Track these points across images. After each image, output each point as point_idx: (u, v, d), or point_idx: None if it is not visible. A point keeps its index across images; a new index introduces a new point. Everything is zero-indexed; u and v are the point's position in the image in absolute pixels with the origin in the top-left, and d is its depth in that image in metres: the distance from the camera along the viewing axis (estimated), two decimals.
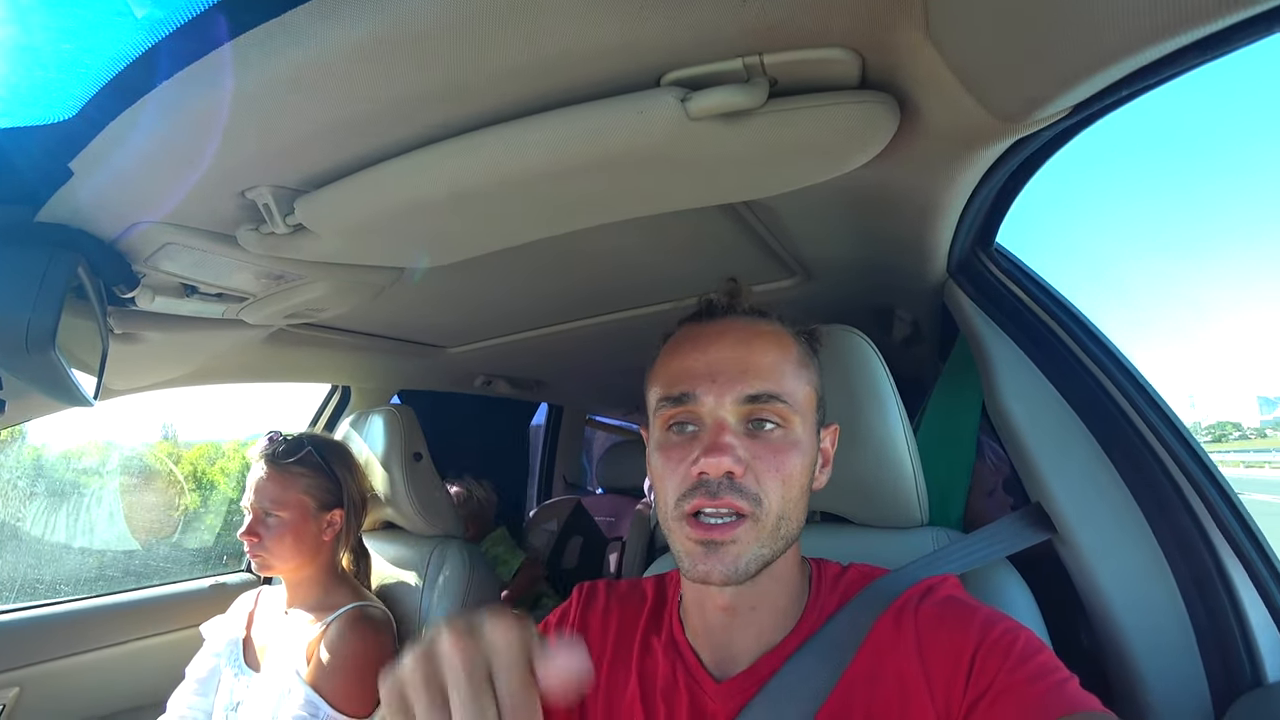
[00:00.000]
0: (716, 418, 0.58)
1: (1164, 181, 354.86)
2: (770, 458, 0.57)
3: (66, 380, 0.70)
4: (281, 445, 1.22)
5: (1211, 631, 0.74)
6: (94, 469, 2.14)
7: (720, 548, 0.55)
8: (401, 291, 1.10)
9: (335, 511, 1.23)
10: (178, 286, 0.85)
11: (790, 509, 0.58)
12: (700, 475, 0.56)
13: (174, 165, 0.63)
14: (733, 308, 0.65)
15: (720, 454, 0.55)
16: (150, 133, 0.57)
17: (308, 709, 1.03)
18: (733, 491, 0.55)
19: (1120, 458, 0.81)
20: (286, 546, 1.16)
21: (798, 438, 0.59)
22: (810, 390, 0.62)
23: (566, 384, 2.29)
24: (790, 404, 0.58)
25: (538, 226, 0.80)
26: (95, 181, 0.65)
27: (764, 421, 0.58)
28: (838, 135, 0.59)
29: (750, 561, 0.56)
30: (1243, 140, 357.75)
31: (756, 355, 0.59)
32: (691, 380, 0.59)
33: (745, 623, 0.62)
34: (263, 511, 1.16)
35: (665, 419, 0.61)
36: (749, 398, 0.57)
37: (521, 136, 0.58)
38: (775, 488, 0.57)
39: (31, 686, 1.30)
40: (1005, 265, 0.93)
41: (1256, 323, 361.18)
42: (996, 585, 0.76)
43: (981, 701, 0.51)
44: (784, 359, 0.61)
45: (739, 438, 0.57)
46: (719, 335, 0.62)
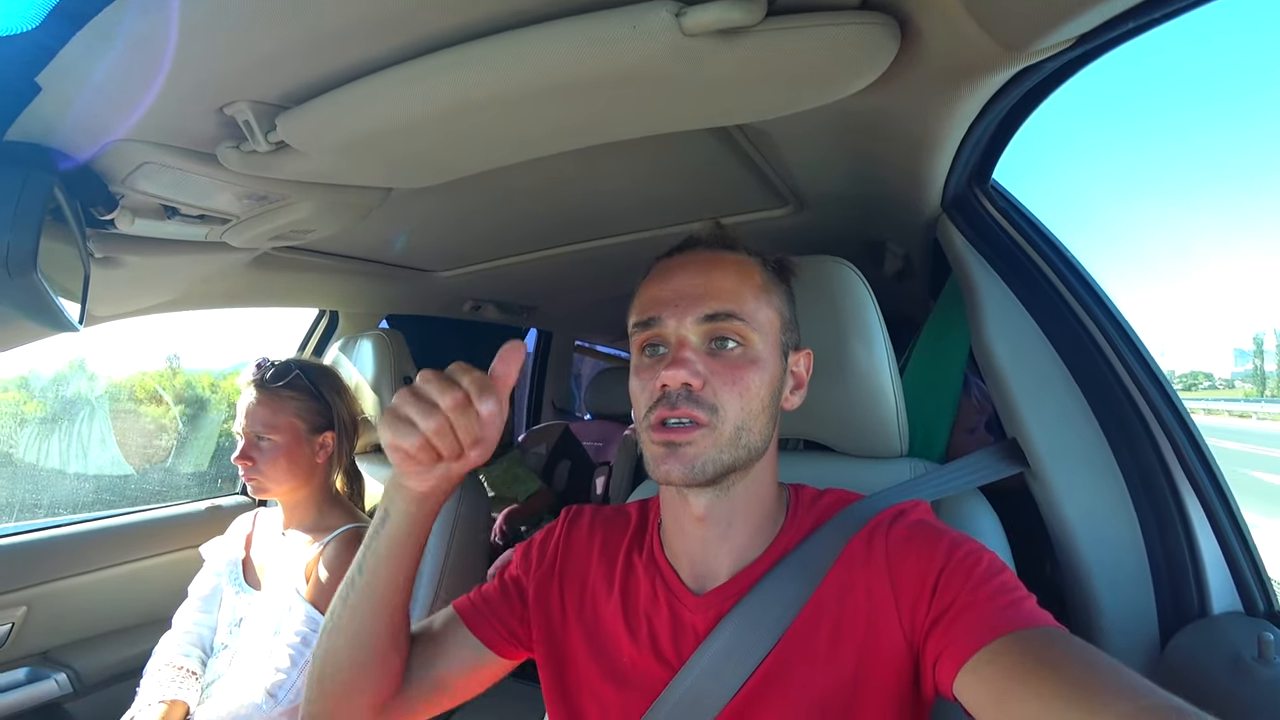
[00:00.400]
0: (679, 336, 0.62)
1: (1160, 125, 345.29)
2: (728, 373, 0.61)
3: (51, 305, 0.70)
4: (270, 370, 1.23)
5: (1166, 565, 0.79)
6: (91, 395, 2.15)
7: (679, 449, 0.60)
8: (389, 214, 1.08)
9: (327, 434, 1.25)
10: (158, 208, 0.83)
11: (751, 421, 0.61)
12: (663, 388, 0.60)
13: (146, 78, 0.60)
14: (702, 241, 0.69)
15: (677, 367, 0.59)
16: (120, 43, 0.54)
17: (309, 625, 1.07)
18: (689, 402, 0.60)
19: (1096, 399, 0.84)
20: (281, 469, 1.18)
21: (757, 355, 0.62)
22: (773, 313, 0.65)
23: (556, 309, 2.29)
24: (749, 323, 0.62)
25: (528, 147, 0.78)
26: (65, 96, 0.62)
27: (725, 339, 0.62)
28: (836, 57, 0.58)
29: (707, 464, 0.59)
30: (1238, 86, 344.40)
31: (716, 280, 0.63)
32: (658, 305, 0.63)
33: (721, 537, 0.66)
34: (255, 436, 1.18)
35: (639, 344, 0.65)
36: (707, 316, 0.61)
37: (511, 49, 0.56)
38: (733, 400, 0.60)
39: (39, 605, 1.35)
40: (1000, 203, 0.92)
41: (1238, 275, 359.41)
42: (968, 513, 0.79)
43: (944, 617, 0.54)
44: (744, 283, 0.64)
45: (699, 355, 0.61)
46: (684, 265, 0.66)
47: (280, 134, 0.69)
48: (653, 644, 0.66)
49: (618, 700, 0.66)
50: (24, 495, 1.74)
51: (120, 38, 0.53)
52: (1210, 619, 0.75)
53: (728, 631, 0.62)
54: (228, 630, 1.17)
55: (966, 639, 0.51)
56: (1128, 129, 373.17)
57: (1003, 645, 0.49)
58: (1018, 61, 0.55)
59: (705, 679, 0.62)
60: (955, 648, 0.52)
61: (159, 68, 0.58)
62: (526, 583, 0.74)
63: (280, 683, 1.03)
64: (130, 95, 0.63)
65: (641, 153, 0.93)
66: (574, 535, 0.76)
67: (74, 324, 0.78)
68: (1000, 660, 0.48)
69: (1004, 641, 0.49)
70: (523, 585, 0.75)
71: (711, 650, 0.62)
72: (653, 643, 0.66)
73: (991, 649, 0.49)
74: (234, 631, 1.16)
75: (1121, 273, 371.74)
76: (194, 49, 0.56)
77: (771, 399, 0.64)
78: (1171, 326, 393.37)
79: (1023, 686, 0.45)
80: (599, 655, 0.68)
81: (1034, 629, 0.50)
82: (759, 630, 0.61)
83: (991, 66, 0.57)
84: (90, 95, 0.62)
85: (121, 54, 0.56)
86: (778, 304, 0.66)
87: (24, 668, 1.33)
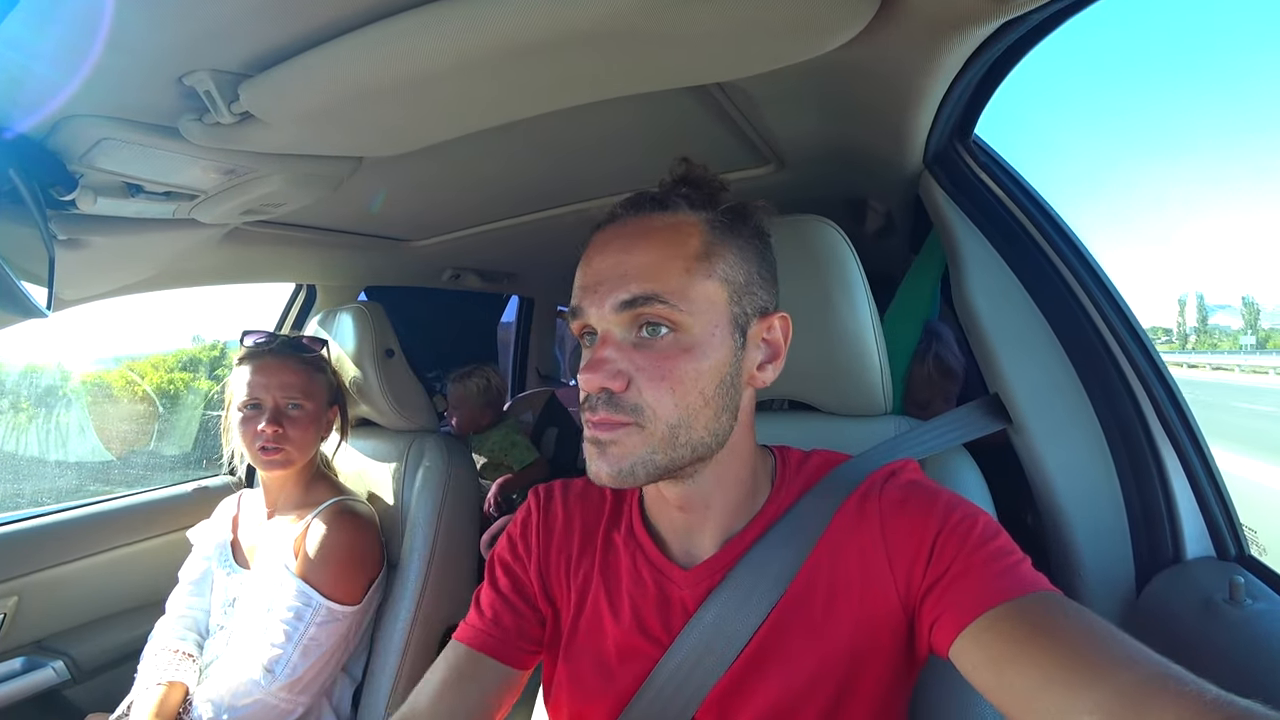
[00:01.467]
0: (603, 329, 0.57)
1: (1140, 80, 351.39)
2: (656, 367, 0.55)
3: (15, 290, 0.67)
4: (300, 340, 1.26)
5: (1142, 514, 0.81)
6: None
7: (606, 448, 0.55)
8: (362, 184, 1.05)
9: (334, 409, 1.27)
10: (120, 186, 0.80)
11: (690, 418, 0.55)
12: (586, 392, 0.56)
13: (96, 50, 0.57)
14: (627, 208, 0.61)
15: (593, 370, 0.55)
16: (63, 14, 0.51)
17: (300, 599, 1.07)
18: (609, 407, 0.55)
19: (1076, 353, 0.85)
20: (310, 439, 1.19)
21: (692, 341, 0.55)
22: (716, 284, 0.56)
23: (536, 275, 2.27)
24: (674, 304, 0.54)
25: (502, 110, 0.76)
26: (9, 74, 0.59)
27: (656, 326, 0.55)
28: (816, 10, 0.56)
29: (638, 466, 0.55)
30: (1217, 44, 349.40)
31: (637, 257, 0.56)
32: (580, 293, 0.58)
33: (702, 518, 0.64)
34: (288, 403, 1.17)
35: (576, 331, 0.61)
36: (624, 303, 0.55)
37: (479, 10, 0.54)
38: (662, 398, 0.54)
39: (29, 594, 1.35)
40: (982, 158, 0.92)
41: (1204, 229, 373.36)
42: (952, 469, 0.80)
43: (941, 581, 0.54)
44: (672, 255, 0.56)
45: (623, 350, 0.55)
46: (605, 244, 0.59)
47: (244, 104, 0.66)
48: (638, 622, 0.64)
49: (607, 683, 0.64)
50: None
51: (64, 8, 0.50)
52: (1184, 564, 0.78)
53: (718, 604, 0.61)
54: (222, 611, 1.18)
55: (964, 604, 0.51)
56: (1112, 82, 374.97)
57: (1001, 612, 0.49)
58: (1002, 13, 0.54)
59: (696, 654, 0.60)
60: (953, 613, 0.51)
61: (107, 36, 0.55)
62: (528, 579, 0.71)
63: (276, 658, 1.04)
64: (80, 68, 0.59)
65: (618, 114, 0.90)
66: (549, 517, 0.72)
67: (42, 309, 0.76)
68: (999, 627, 0.48)
69: (1003, 609, 0.49)
70: (526, 586, 0.71)
71: (702, 625, 0.61)
72: (638, 621, 0.64)
73: (990, 616, 0.49)
74: (228, 612, 1.17)
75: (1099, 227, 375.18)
76: (146, 15, 0.53)
77: (718, 388, 0.57)
78: (1133, 280, 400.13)
79: (1022, 655, 0.45)
80: (586, 639, 0.67)
81: (1031, 595, 0.50)
82: (750, 602, 0.60)
83: (976, 19, 0.56)
84: (37, 70, 0.59)
85: (65, 24, 0.53)
86: (723, 270, 0.57)
87: (20, 657, 1.33)
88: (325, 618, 1.08)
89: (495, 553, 0.75)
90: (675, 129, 0.99)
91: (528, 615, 0.70)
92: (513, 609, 0.70)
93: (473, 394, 2.28)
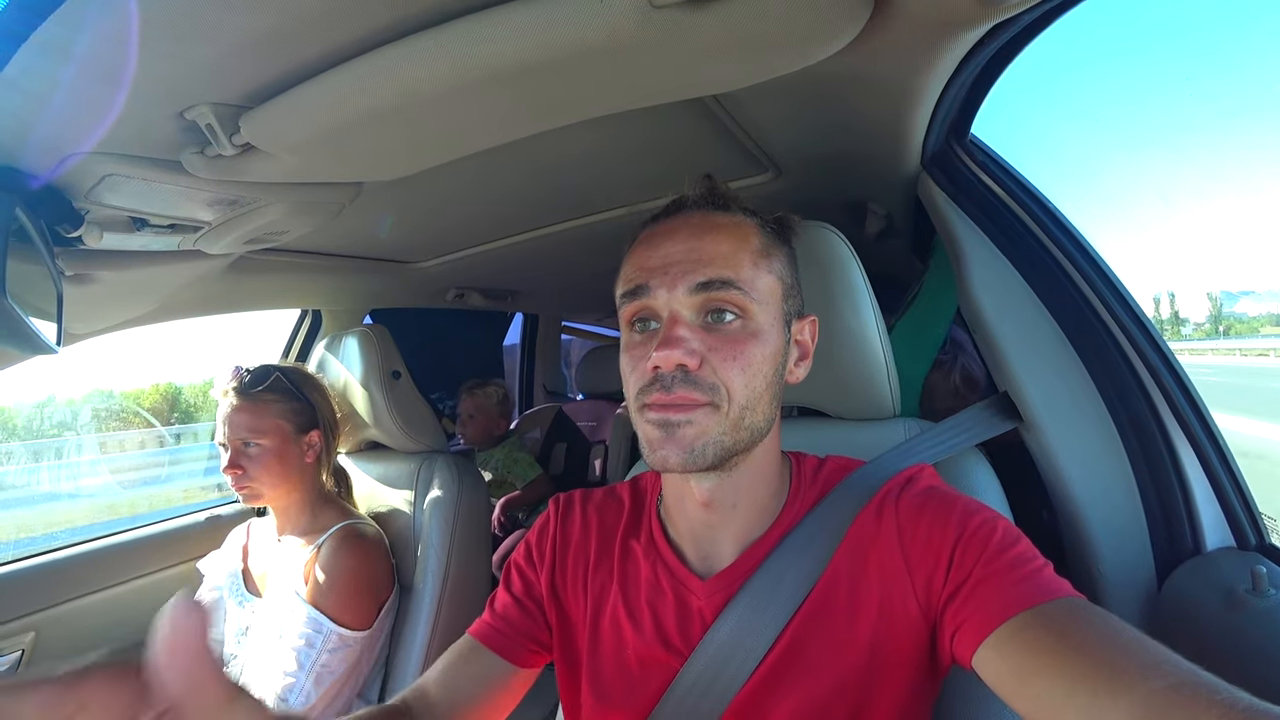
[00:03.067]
0: (671, 310, 0.57)
1: (1138, 73, 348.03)
2: (728, 348, 0.56)
3: (24, 328, 0.68)
4: (248, 376, 1.22)
5: (1159, 507, 0.80)
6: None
7: (677, 430, 0.55)
8: (363, 208, 1.06)
9: (313, 433, 1.24)
10: (126, 220, 0.81)
11: (755, 400, 0.57)
12: (655, 370, 0.55)
13: (101, 88, 0.58)
14: (693, 203, 0.63)
15: (671, 347, 0.54)
16: (64, 58, 0.52)
17: (311, 626, 1.07)
18: (687, 385, 0.55)
19: (1084, 347, 0.84)
20: (273, 473, 1.18)
21: (758, 327, 0.58)
22: (774, 280, 0.60)
23: (540, 292, 2.27)
24: (747, 291, 0.57)
25: (501, 130, 0.76)
26: (16, 114, 0.60)
27: (723, 312, 0.57)
28: (809, 21, 0.56)
29: (709, 447, 0.55)
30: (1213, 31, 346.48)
31: (709, 245, 0.58)
32: (646, 274, 0.58)
33: (726, 519, 0.63)
34: (242, 443, 1.17)
35: (627, 316, 0.61)
36: (700, 285, 0.56)
37: (473, 33, 0.54)
38: (736, 376, 0.56)
39: (46, 630, 1.34)
40: (979, 157, 0.92)
41: (1221, 218, 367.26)
42: (966, 470, 0.80)
43: (962, 589, 0.53)
44: (740, 248, 0.59)
45: (694, 330, 0.56)
46: (673, 231, 0.60)
47: (244, 135, 0.67)
48: (659, 632, 0.64)
49: (629, 694, 0.64)
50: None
51: (65, 52, 0.51)
52: (1204, 556, 0.77)
53: (735, 616, 0.60)
54: (235, 641, 1.18)
55: (986, 613, 0.50)
56: (1107, 77, 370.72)
57: (1024, 620, 0.48)
58: (993, 15, 0.54)
59: (716, 665, 0.60)
60: (974, 622, 0.51)
61: (112, 77, 0.56)
62: (539, 585, 0.72)
63: (289, 686, 1.03)
64: (87, 109, 0.60)
65: (616, 129, 0.91)
66: (568, 526, 0.73)
67: (52, 346, 0.77)
68: (1022, 636, 0.47)
69: (1025, 617, 0.48)
70: (536, 590, 0.72)
71: (720, 636, 0.60)
72: (658, 631, 0.64)
73: (1013, 624, 0.48)
74: (241, 641, 1.17)
75: (1106, 223, 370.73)
76: (148, 53, 0.54)
77: (775, 375, 0.59)
78: (1156, 274, 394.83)
79: (1047, 664, 0.44)
80: (607, 648, 0.66)
81: (1054, 602, 0.49)
82: (768, 612, 0.59)
83: (967, 22, 0.56)
84: (43, 111, 0.60)
85: (69, 69, 0.54)
86: (779, 269, 0.61)
87: None
88: (337, 644, 1.08)
89: (512, 557, 0.76)
90: (673, 141, 1.00)
91: (536, 618, 0.71)
92: (522, 609, 0.71)
93: (491, 403, 2.28)
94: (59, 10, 0.47)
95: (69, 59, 0.53)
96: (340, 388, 1.40)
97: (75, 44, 0.51)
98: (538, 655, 0.71)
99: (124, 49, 0.52)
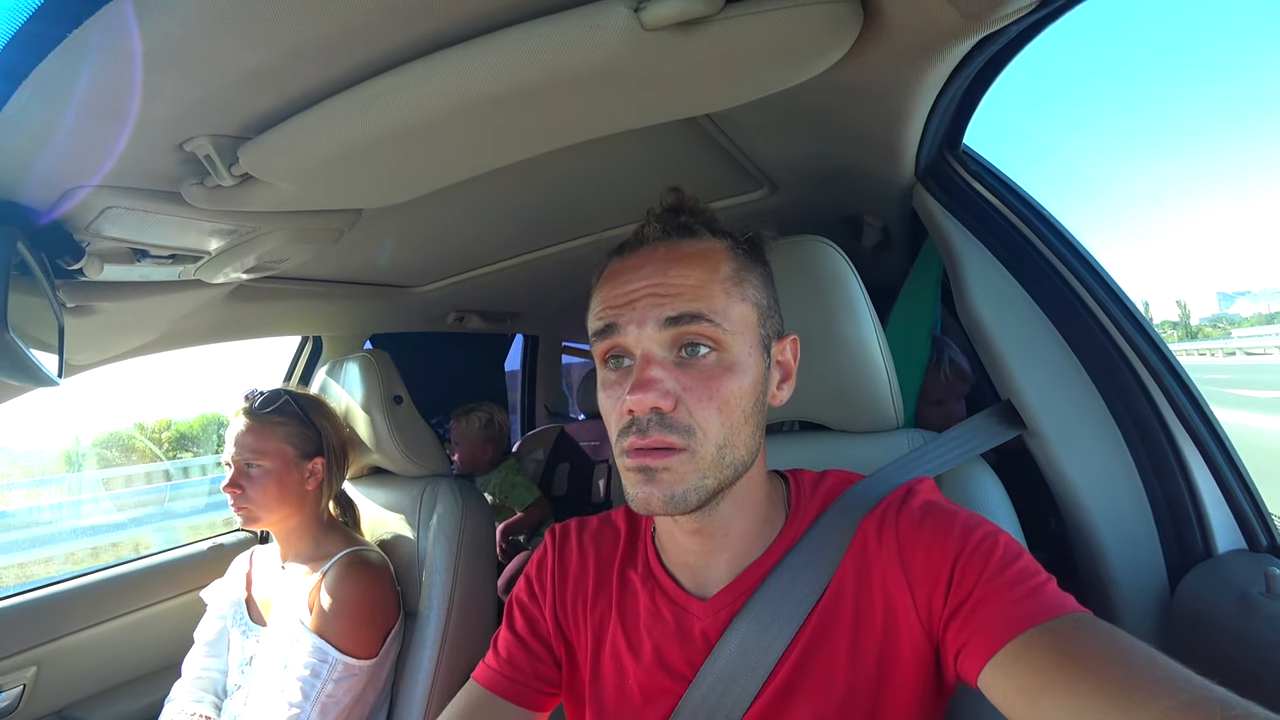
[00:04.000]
0: (643, 349, 0.56)
1: (1129, 79, 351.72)
2: (703, 387, 0.55)
3: (26, 360, 0.68)
4: (259, 399, 1.22)
5: (1168, 511, 0.80)
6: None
7: (656, 474, 0.54)
8: (364, 234, 1.07)
9: (316, 460, 1.24)
10: (126, 252, 0.81)
11: (733, 436, 0.56)
12: (630, 413, 0.55)
13: (100, 123, 0.58)
14: (657, 233, 0.60)
15: (644, 390, 0.53)
16: (64, 95, 0.53)
17: (316, 655, 1.06)
18: (662, 428, 0.54)
19: (1085, 353, 0.84)
20: (271, 496, 1.17)
21: (733, 360, 0.56)
22: (748, 307, 0.58)
23: (540, 313, 2.28)
24: (719, 324, 0.55)
25: (495, 155, 0.77)
26: (16, 152, 0.60)
27: (696, 346, 0.55)
28: (799, 39, 0.57)
29: (690, 491, 0.54)
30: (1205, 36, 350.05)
31: (676, 279, 0.56)
32: (614, 311, 0.57)
33: (718, 546, 0.63)
34: (244, 464, 1.17)
35: (600, 354, 0.60)
36: (669, 320, 0.55)
37: (468, 60, 0.55)
38: (712, 417, 0.54)
39: (49, 663, 1.34)
40: (973, 167, 0.93)
41: (1218, 218, 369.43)
42: (971, 482, 0.79)
43: (964, 607, 0.52)
44: (710, 278, 0.57)
45: (668, 369, 0.55)
46: (638, 267, 0.58)
47: (243, 166, 0.67)
48: (660, 660, 0.63)
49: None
50: None
51: (64, 90, 0.52)
52: (1216, 559, 0.76)
53: (740, 632, 0.60)
54: (239, 671, 1.16)
55: (991, 632, 0.49)
56: (1096, 83, 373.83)
57: (1030, 639, 0.47)
58: (980, 29, 0.55)
59: (722, 686, 0.59)
60: (979, 641, 0.50)
61: (112, 114, 0.57)
62: (544, 620, 0.71)
63: (295, 717, 1.02)
64: (88, 144, 0.61)
65: (611, 149, 0.92)
66: (565, 557, 0.72)
67: (53, 378, 0.77)
68: (1028, 655, 0.46)
69: (1030, 635, 0.47)
70: (541, 626, 0.71)
71: (725, 654, 0.60)
72: (659, 659, 0.63)
73: (1018, 643, 0.47)
74: (245, 671, 1.16)
75: (1101, 226, 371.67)
76: (149, 87, 0.55)
77: (755, 405, 0.58)
78: (1155, 273, 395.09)
79: (1055, 683, 0.43)
80: (608, 681, 0.65)
81: (1060, 618, 0.48)
82: (773, 629, 0.59)
83: (954, 36, 0.57)
84: (44, 148, 0.60)
85: (68, 105, 0.54)
86: (753, 294, 0.59)
87: None
88: (342, 673, 1.07)
89: (513, 594, 0.74)
90: (668, 160, 1.01)
91: (543, 657, 0.70)
92: (528, 650, 0.70)
93: (474, 429, 2.27)
94: (58, 49, 0.48)
95: (69, 97, 0.53)
96: (342, 413, 1.40)
97: (75, 83, 0.51)
98: (548, 697, 0.70)
99: (123, 86, 0.53)
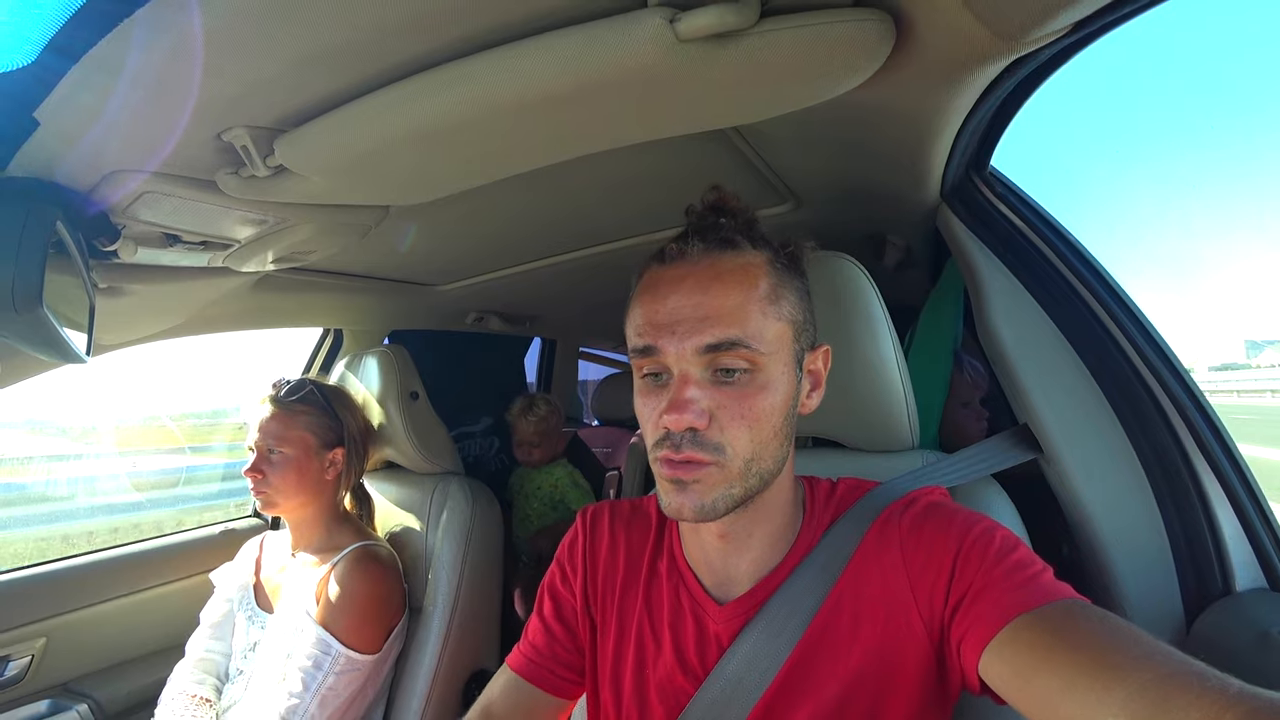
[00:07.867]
0: (681, 369, 0.57)
1: (1165, 105, 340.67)
2: (735, 405, 0.56)
3: (57, 337, 0.70)
4: (285, 387, 1.25)
5: (1186, 545, 0.78)
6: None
7: (687, 486, 0.56)
8: (390, 231, 1.09)
9: (337, 450, 1.25)
10: (159, 236, 0.83)
11: (762, 449, 0.58)
12: (665, 428, 0.57)
13: (144, 109, 0.60)
14: (698, 249, 0.60)
15: (680, 411, 0.55)
16: (116, 76, 0.54)
17: (319, 647, 1.07)
18: (694, 445, 0.56)
19: (1106, 380, 0.83)
20: (290, 483, 1.19)
21: (767, 379, 0.57)
22: (784, 325, 0.59)
23: (559, 317, 2.29)
24: (756, 347, 0.56)
25: (525, 159, 0.78)
26: (63, 131, 0.62)
27: (731, 370, 0.57)
28: (831, 55, 0.57)
29: (719, 500, 0.57)
30: (1243, 59, 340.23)
31: (715, 300, 0.57)
32: (654, 332, 0.58)
33: (742, 548, 0.65)
34: (266, 449, 1.19)
35: (638, 368, 0.61)
36: (709, 347, 0.56)
37: (505, 65, 0.56)
38: (741, 434, 0.56)
39: (57, 636, 1.36)
40: (999, 189, 0.92)
41: (1248, 267, 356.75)
42: (983, 499, 0.79)
43: (964, 601, 0.54)
44: (748, 299, 0.57)
45: (704, 388, 0.56)
46: (678, 281, 0.59)
47: (278, 158, 0.69)
48: (678, 655, 0.65)
49: (645, 715, 0.65)
50: None
51: (117, 70, 0.53)
52: (1235, 596, 0.75)
53: (751, 639, 0.62)
54: (242, 656, 1.17)
55: (987, 620, 0.51)
56: (1126, 109, 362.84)
57: (1024, 622, 0.49)
58: (1013, 51, 0.55)
59: (731, 687, 0.61)
60: (977, 630, 0.51)
61: (161, 97, 0.58)
62: (572, 600, 0.74)
63: (294, 707, 1.03)
64: (130, 127, 0.63)
65: (638, 158, 0.93)
66: (596, 540, 0.75)
67: (81, 355, 0.78)
68: (1022, 638, 0.48)
69: (1025, 619, 0.49)
70: (568, 609, 0.74)
71: (735, 659, 0.62)
72: (678, 653, 0.65)
73: (1012, 628, 0.49)
74: (248, 657, 1.17)
75: (1132, 264, 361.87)
76: (192, 78, 0.56)
77: (785, 418, 0.60)
78: (1183, 322, 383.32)
79: (1045, 662, 0.45)
80: (628, 668, 0.68)
81: (1053, 604, 0.49)
82: (782, 635, 0.61)
83: (987, 57, 0.57)
84: (90, 128, 0.62)
85: (119, 86, 0.56)
86: (789, 310, 0.59)
87: (46, 700, 1.33)
88: (344, 667, 1.07)
89: (544, 581, 0.77)
90: (694, 171, 1.01)
91: (566, 643, 0.73)
92: (551, 635, 0.74)
93: (552, 420, 2.08)
94: (117, 28, 0.49)
95: (119, 79, 0.55)
96: (359, 406, 1.41)
97: (126, 64, 0.53)
98: (573, 685, 0.73)
99: (172, 74, 0.55)
